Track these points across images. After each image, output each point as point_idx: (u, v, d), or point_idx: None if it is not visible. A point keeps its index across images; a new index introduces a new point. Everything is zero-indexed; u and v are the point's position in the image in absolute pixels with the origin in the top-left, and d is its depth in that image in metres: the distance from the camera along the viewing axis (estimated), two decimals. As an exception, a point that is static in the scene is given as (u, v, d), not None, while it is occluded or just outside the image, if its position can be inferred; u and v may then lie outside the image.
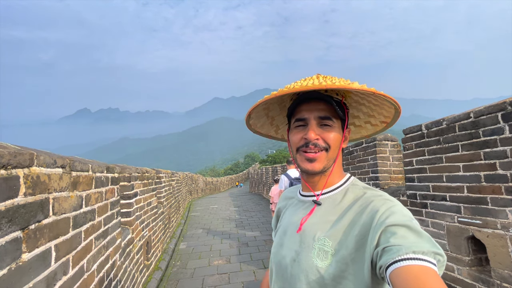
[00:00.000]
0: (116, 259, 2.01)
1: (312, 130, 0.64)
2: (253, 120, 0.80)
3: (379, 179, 3.25)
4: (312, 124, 0.65)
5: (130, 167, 2.82)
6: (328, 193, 0.68)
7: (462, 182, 2.03)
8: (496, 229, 1.78)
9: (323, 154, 0.65)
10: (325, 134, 0.65)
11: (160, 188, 4.56)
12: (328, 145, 0.65)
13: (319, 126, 0.65)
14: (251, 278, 3.49)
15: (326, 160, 0.65)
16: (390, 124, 0.73)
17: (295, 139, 0.67)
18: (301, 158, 0.67)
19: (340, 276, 0.56)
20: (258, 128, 0.84)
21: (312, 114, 0.65)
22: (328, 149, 0.65)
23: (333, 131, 0.65)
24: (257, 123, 0.83)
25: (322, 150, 0.65)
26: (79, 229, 1.35)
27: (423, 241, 0.48)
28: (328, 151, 0.65)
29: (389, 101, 0.62)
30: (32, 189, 0.94)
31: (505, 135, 1.71)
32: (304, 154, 0.66)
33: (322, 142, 0.65)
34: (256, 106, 0.69)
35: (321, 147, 0.65)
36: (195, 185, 14.04)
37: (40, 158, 0.99)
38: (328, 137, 0.65)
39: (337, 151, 0.67)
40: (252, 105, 0.69)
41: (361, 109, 0.76)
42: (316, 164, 0.65)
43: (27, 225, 0.91)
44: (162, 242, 4.42)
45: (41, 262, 0.99)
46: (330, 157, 0.66)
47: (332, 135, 0.65)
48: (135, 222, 2.82)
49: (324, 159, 0.65)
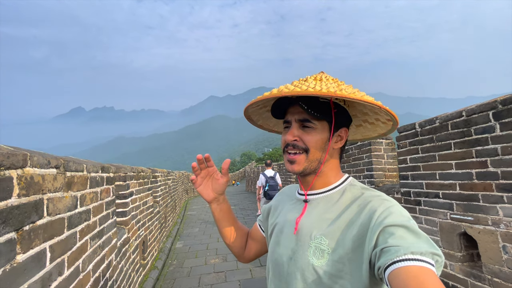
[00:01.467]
0: (112, 259, 2.00)
1: (290, 132, 0.66)
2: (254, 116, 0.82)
3: (373, 177, 3.28)
4: (293, 126, 0.67)
5: (125, 167, 2.80)
6: (325, 193, 0.69)
7: (455, 179, 2.06)
8: (487, 226, 1.82)
9: (302, 156, 0.66)
10: (304, 136, 0.66)
11: (156, 188, 4.54)
12: (307, 146, 0.65)
13: (301, 128, 0.67)
14: (247, 276, 3.51)
15: (306, 162, 0.66)
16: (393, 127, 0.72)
17: (282, 140, 0.70)
18: (285, 159, 0.69)
19: (336, 275, 0.56)
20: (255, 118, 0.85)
21: (293, 117, 0.67)
22: (308, 150, 0.65)
23: (314, 133, 0.66)
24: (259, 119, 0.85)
25: (301, 152, 0.66)
26: (74, 230, 1.34)
27: (421, 242, 0.48)
28: (308, 153, 0.66)
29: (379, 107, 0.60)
30: (26, 190, 0.93)
31: (496, 133, 1.75)
32: (287, 155, 0.68)
33: (301, 144, 0.66)
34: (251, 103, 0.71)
35: (300, 149, 0.66)
36: (191, 184, 14.00)
37: (34, 159, 0.99)
38: (307, 139, 0.65)
39: (321, 152, 0.66)
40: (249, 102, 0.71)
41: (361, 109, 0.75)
42: (295, 166, 0.66)
43: (21, 226, 0.90)
44: (158, 241, 4.41)
45: (36, 263, 0.98)
46: (311, 158, 0.66)
47: (311, 136, 0.65)
48: (131, 221, 2.81)
49: (303, 161, 0.66)
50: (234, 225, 0.88)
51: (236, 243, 0.88)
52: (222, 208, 0.84)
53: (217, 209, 0.84)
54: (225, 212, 0.85)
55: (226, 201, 0.85)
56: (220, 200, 0.83)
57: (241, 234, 0.89)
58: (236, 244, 0.88)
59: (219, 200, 0.83)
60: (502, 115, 1.70)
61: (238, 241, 0.88)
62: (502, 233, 1.72)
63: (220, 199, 0.83)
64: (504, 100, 1.69)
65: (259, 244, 0.88)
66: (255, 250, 0.88)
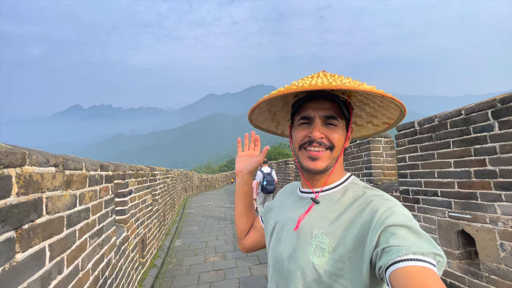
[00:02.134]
0: (111, 257, 2.00)
1: (317, 129, 0.64)
2: (255, 115, 0.80)
3: (372, 175, 3.29)
4: (317, 122, 0.65)
5: (124, 165, 2.80)
6: (327, 191, 0.68)
7: (453, 177, 2.07)
8: (485, 223, 1.83)
9: (327, 153, 0.65)
10: (329, 134, 0.65)
11: (155, 186, 4.54)
12: (332, 144, 0.65)
13: (324, 125, 0.65)
14: (247, 274, 3.52)
15: (329, 160, 0.66)
16: (393, 125, 0.73)
17: (298, 136, 0.68)
18: (304, 155, 0.67)
19: (336, 274, 0.56)
20: (259, 123, 0.84)
21: (317, 113, 0.65)
22: (333, 148, 0.65)
23: (338, 131, 0.65)
24: (259, 118, 0.83)
25: (326, 149, 0.65)
26: (73, 228, 1.34)
27: (423, 242, 0.48)
28: (333, 151, 0.65)
29: (395, 103, 0.62)
30: (24, 189, 0.92)
31: (494, 132, 1.76)
32: (307, 152, 0.66)
33: (326, 141, 0.65)
34: (261, 102, 0.68)
35: (326, 146, 0.65)
36: (190, 182, 13.99)
37: (33, 157, 0.98)
38: (333, 136, 0.65)
39: (341, 150, 0.67)
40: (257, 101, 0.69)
41: (364, 109, 0.75)
42: (319, 163, 0.65)
43: (20, 225, 0.89)
44: (157, 239, 4.41)
45: (35, 262, 0.98)
46: (334, 156, 0.66)
47: (337, 134, 0.65)
48: (130, 220, 2.81)
49: (327, 158, 0.65)
50: (246, 209, 0.93)
51: (241, 223, 0.93)
52: (242, 187, 0.91)
53: (240, 184, 0.91)
54: (245, 192, 0.92)
55: (249, 183, 0.92)
56: (244, 177, 0.90)
57: (249, 219, 0.93)
58: (241, 225, 0.93)
59: (244, 176, 0.90)
60: (501, 113, 1.71)
61: (244, 222, 0.93)
62: (500, 231, 1.74)
63: (245, 177, 0.90)
64: (503, 98, 1.69)
65: (258, 235, 0.90)
66: (253, 239, 0.91)
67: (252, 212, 0.94)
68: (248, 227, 0.93)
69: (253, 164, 0.88)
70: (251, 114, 0.77)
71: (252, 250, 0.93)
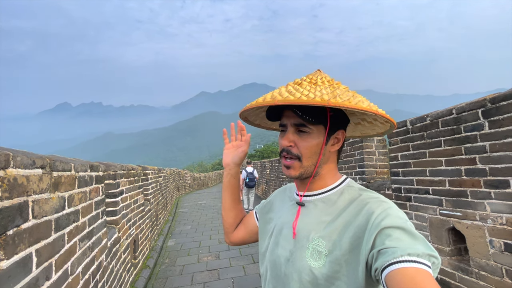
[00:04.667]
0: (102, 259, 1.95)
1: (287, 137, 0.66)
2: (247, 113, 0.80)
3: (365, 174, 3.32)
4: (289, 130, 0.67)
5: (115, 164, 2.73)
6: (322, 194, 0.69)
7: (444, 176, 2.11)
8: (475, 221, 1.87)
9: (296, 162, 0.66)
10: (299, 141, 0.66)
11: (146, 185, 4.47)
12: (300, 154, 0.66)
13: (296, 132, 0.66)
14: (240, 273, 3.51)
15: (301, 168, 0.66)
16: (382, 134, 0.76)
17: (279, 143, 0.70)
18: (282, 163, 0.69)
19: (333, 276, 0.57)
20: (252, 119, 0.84)
21: (289, 121, 0.67)
22: (301, 157, 0.66)
23: (309, 138, 0.65)
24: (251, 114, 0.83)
25: (295, 158, 0.66)
26: (62, 232, 1.29)
27: (418, 244, 0.49)
28: (301, 160, 0.66)
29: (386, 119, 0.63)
30: (8, 193, 0.88)
31: (484, 131, 1.79)
32: (282, 160, 0.69)
33: (295, 150, 0.66)
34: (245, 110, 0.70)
35: (293, 155, 0.66)
36: (182, 181, 13.86)
37: (17, 159, 0.93)
38: (301, 145, 0.65)
39: (314, 157, 0.66)
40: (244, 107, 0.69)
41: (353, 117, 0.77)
42: (292, 171, 0.67)
43: (4, 231, 0.85)
44: (149, 239, 4.35)
45: (21, 269, 0.93)
46: (305, 164, 0.66)
47: (307, 142, 0.65)
48: (121, 220, 2.75)
49: (298, 167, 0.66)
50: (234, 202, 0.91)
51: (230, 218, 0.92)
52: (230, 180, 0.90)
53: (227, 177, 0.90)
54: (233, 185, 0.90)
55: (237, 177, 0.90)
56: (232, 170, 0.89)
57: (237, 214, 0.92)
58: (230, 220, 0.92)
59: (231, 169, 0.89)
60: (491, 113, 1.74)
61: (233, 217, 0.92)
62: (489, 228, 1.78)
63: (233, 170, 0.89)
64: (493, 98, 1.72)
65: (248, 232, 0.90)
66: (242, 235, 0.91)
67: (240, 206, 0.93)
68: (236, 222, 0.92)
69: (239, 155, 0.87)
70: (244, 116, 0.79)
71: (239, 244, 0.93)
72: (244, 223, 0.91)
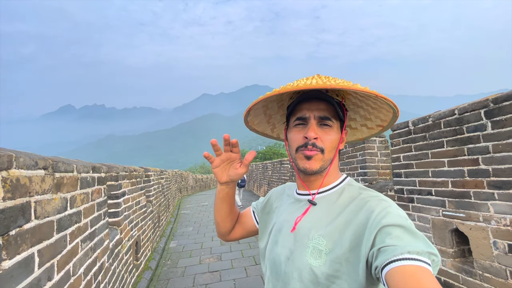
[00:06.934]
0: (104, 261, 1.96)
1: (312, 129, 0.64)
2: (251, 117, 0.79)
3: (367, 175, 3.31)
4: (312, 123, 0.65)
5: (117, 166, 2.74)
6: (323, 193, 0.69)
7: (447, 177, 2.09)
8: (479, 222, 1.85)
9: (319, 154, 0.65)
10: (323, 135, 0.65)
11: (149, 187, 4.48)
12: (324, 147, 0.65)
13: (319, 125, 0.66)
14: (242, 275, 3.50)
15: (322, 161, 0.65)
16: (386, 128, 0.74)
17: (295, 138, 0.67)
18: (300, 156, 0.66)
19: (333, 275, 0.56)
20: (255, 125, 0.83)
21: (312, 113, 0.65)
22: (324, 151, 0.65)
23: (332, 132, 0.66)
24: (255, 120, 0.82)
25: (318, 151, 0.65)
26: (64, 232, 1.30)
27: (418, 241, 0.49)
28: (324, 153, 0.65)
29: (389, 104, 0.62)
30: (11, 193, 0.89)
31: (487, 132, 1.78)
32: (303, 152, 0.65)
33: (319, 143, 0.65)
34: (256, 103, 0.68)
35: (318, 148, 0.65)
36: (184, 183, 13.89)
37: (20, 160, 0.94)
38: (326, 138, 0.65)
39: (334, 152, 0.67)
40: (252, 102, 0.68)
41: (359, 112, 0.76)
42: (313, 163, 0.65)
43: (7, 231, 0.86)
44: (151, 241, 4.36)
45: (23, 269, 0.94)
46: (326, 158, 0.66)
47: (330, 136, 0.65)
48: (123, 222, 2.76)
49: (320, 160, 0.65)
50: (231, 210, 0.89)
51: (226, 225, 0.89)
52: (227, 192, 0.82)
53: (224, 191, 0.82)
54: (229, 196, 0.84)
55: (234, 187, 0.84)
56: (230, 185, 0.82)
57: (233, 218, 0.90)
58: (227, 225, 0.89)
59: (229, 185, 0.81)
60: (494, 113, 1.73)
61: (229, 223, 0.89)
62: (493, 229, 1.76)
63: (231, 185, 0.81)
64: (496, 98, 1.71)
65: (245, 231, 0.90)
66: (240, 234, 0.91)
67: (236, 209, 0.91)
68: (233, 224, 0.91)
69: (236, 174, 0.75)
70: (246, 116, 0.75)
71: (235, 240, 0.94)
72: (240, 223, 0.91)
